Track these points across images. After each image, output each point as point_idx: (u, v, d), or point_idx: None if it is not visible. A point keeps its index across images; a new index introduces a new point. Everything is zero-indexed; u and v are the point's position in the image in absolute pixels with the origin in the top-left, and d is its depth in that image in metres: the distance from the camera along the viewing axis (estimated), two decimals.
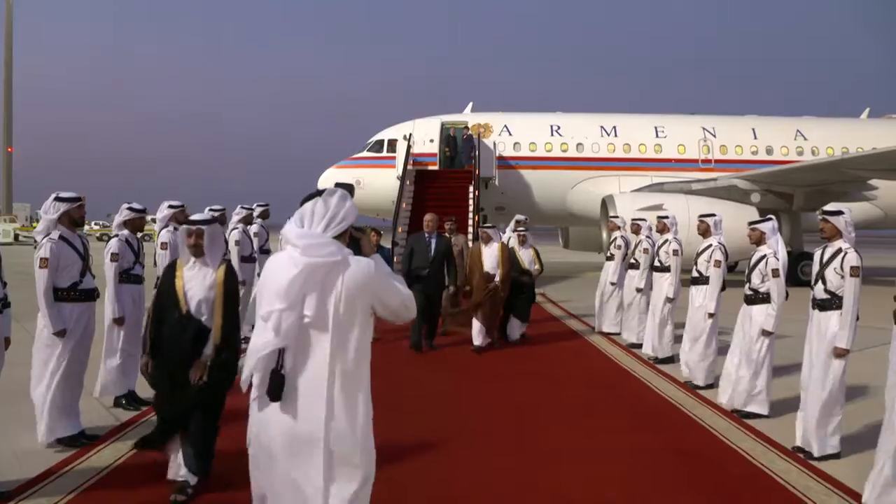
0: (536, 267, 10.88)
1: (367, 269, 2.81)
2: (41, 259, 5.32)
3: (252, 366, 2.82)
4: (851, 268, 5.30)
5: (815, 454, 5.46)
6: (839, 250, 5.44)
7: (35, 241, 5.79)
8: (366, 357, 2.92)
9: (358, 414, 2.86)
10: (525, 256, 10.76)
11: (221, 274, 4.53)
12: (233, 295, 4.57)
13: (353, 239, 3.01)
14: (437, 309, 10.10)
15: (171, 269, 4.65)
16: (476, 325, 9.96)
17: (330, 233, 2.83)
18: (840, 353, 5.35)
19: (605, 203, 20.00)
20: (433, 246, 9.90)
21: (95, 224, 48.09)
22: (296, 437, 2.78)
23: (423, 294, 9.35)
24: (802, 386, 5.70)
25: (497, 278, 9.88)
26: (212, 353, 4.40)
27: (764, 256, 6.59)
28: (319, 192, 2.89)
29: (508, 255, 10.18)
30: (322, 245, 2.76)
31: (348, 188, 3.04)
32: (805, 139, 23.00)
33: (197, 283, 4.51)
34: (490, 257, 10.00)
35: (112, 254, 6.47)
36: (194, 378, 4.38)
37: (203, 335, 4.45)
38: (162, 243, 7.62)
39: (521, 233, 11.14)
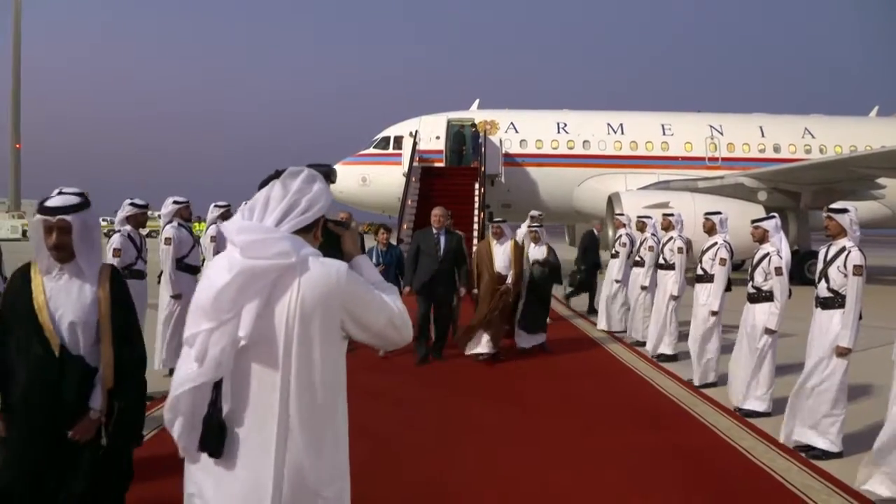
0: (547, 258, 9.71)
1: (333, 274, 2.09)
2: None
3: (170, 406, 2.11)
4: (854, 266, 5.27)
5: (816, 445, 5.48)
6: (843, 249, 5.41)
7: (22, 235, 5.79)
8: (337, 397, 2.20)
9: (324, 478, 2.14)
10: (538, 256, 9.75)
11: (106, 284, 3.07)
12: (126, 312, 3.13)
13: (333, 235, 2.35)
14: (447, 315, 9.14)
15: (21, 281, 3.04)
16: (481, 334, 8.88)
17: (286, 226, 2.10)
18: (842, 352, 5.33)
19: (612, 201, 20.00)
20: (442, 244, 8.81)
21: (103, 220, 48.24)
22: None
23: (431, 299, 8.80)
24: (801, 383, 5.68)
25: (509, 280, 8.85)
26: (103, 404, 2.99)
27: (767, 254, 6.56)
28: (279, 173, 2.19)
29: (521, 255, 9.26)
30: (269, 242, 2.04)
31: (324, 171, 2.33)
32: (813, 137, 22.93)
33: (68, 301, 2.99)
34: (501, 256, 8.92)
35: (114, 249, 6.50)
36: (80, 437, 2.96)
37: (88, 379, 3.02)
38: (166, 239, 7.63)
39: (534, 229, 10.10)
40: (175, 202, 7.86)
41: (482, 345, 8.85)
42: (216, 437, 2.07)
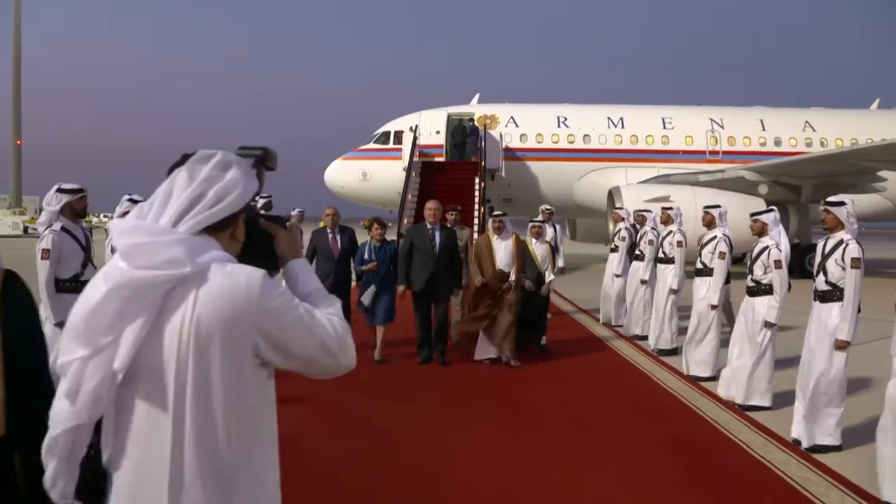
0: (550, 275, 9.07)
1: (241, 286, 1.62)
2: (43, 250, 5.37)
3: (46, 449, 1.67)
4: (852, 259, 5.26)
5: (816, 442, 5.48)
6: (840, 241, 5.41)
7: (24, 233, 5.83)
8: (254, 436, 1.71)
9: None
10: (539, 253, 9.04)
11: None
12: (23, 332, 2.14)
13: (265, 235, 1.88)
14: (444, 313, 8.52)
15: None
16: (484, 338, 8.45)
17: (187, 224, 1.63)
18: (841, 346, 5.33)
19: (612, 195, 19.98)
20: (437, 239, 8.30)
21: (105, 216, 48.33)
22: None
23: (428, 298, 8.33)
24: (800, 376, 5.69)
25: (512, 277, 8.34)
26: None
27: (766, 248, 6.56)
28: (186, 158, 1.73)
29: (523, 251, 8.68)
30: (158, 247, 1.58)
31: (258, 155, 1.86)
32: (814, 130, 22.89)
33: None
34: (503, 252, 8.38)
35: (113, 245, 6.51)
36: None
37: None
38: None
39: (536, 224, 9.43)
40: None
41: (484, 349, 8.40)
42: (95, 488, 1.69)
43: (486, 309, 8.33)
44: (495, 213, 8.90)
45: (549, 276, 9.03)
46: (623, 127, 22.77)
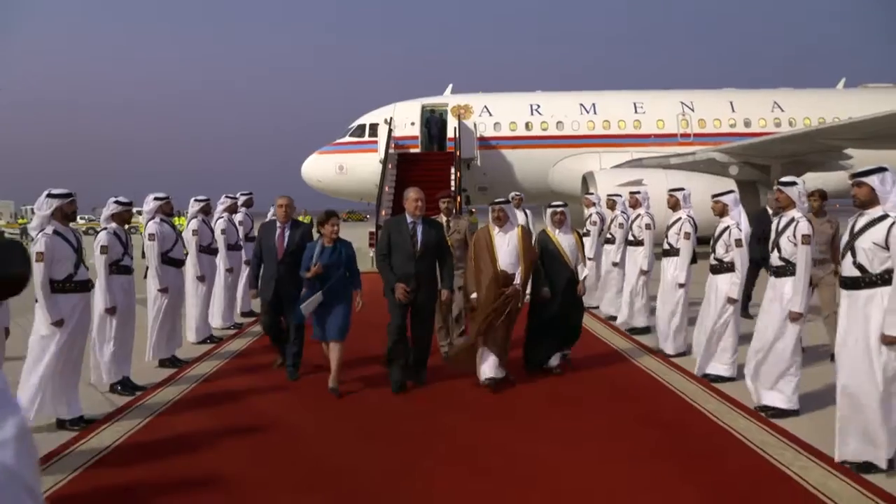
0: (585, 270, 7.60)
1: None
2: (37, 253, 5.57)
3: None
4: (803, 236, 5.60)
5: (764, 401, 5.89)
6: (792, 219, 5.75)
7: (20, 235, 6.00)
8: None
9: None
10: (566, 245, 7.51)
11: None
12: None
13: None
14: (428, 326, 7.12)
15: None
16: (485, 352, 6.86)
17: None
18: (794, 317, 5.67)
19: (586, 180, 20.32)
20: (420, 235, 6.84)
21: (81, 218, 47.99)
22: None
23: (405, 306, 6.83)
24: (755, 340, 6.05)
25: (517, 279, 6.84)
26: None
27: (727, 227, 6.92)
28: None
29: (532, 245, 7.23)
30: None
31: None
32: (782, 111, 23.28)
33: None
34: (506, 248, 6.86)
35: (101, 246, 6.71)
36: None
37: None
38: (149, 234, 7.87)
39: (558, 209, 7.61)
40: (156, 198, 8.09)
41: (489, 367, 6.85)
42: None
43: (485, 324, 6.75)
44: (497, 200, 7.10)
45: (582, 273, 7.54)
46: (595, 113, 23.07)
